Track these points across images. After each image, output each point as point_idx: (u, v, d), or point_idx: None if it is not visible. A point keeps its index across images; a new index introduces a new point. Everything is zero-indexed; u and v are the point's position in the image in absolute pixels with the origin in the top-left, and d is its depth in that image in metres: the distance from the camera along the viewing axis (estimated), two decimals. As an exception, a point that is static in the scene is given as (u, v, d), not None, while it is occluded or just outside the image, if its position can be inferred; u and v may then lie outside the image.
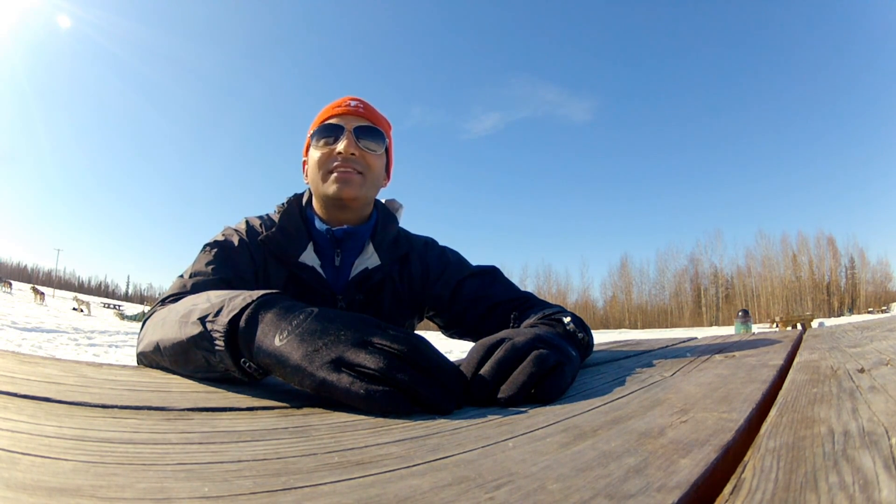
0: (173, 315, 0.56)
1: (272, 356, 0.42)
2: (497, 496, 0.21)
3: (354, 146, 0.90)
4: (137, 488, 0.22)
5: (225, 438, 0.30)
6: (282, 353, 0.42)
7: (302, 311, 0.45)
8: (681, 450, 0.27)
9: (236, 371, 0.46)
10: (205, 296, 0.56)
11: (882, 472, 0.23)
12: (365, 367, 0.39)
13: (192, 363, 0.51)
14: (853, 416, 0.33)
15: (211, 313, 0.49)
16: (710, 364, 0.63)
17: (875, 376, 0.47)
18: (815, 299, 50.45)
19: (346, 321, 0.43)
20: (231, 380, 0.50)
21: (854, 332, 0.97)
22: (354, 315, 0.45)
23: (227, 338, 0.46)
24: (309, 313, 0.45)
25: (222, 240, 0.90)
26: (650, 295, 59.53)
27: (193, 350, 0.50)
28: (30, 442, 0.27)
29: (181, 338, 0.51)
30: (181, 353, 0.52)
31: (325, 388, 0.39)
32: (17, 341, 7.22)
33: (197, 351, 0.49)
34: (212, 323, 0.48)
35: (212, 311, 0.49)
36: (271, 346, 0.43)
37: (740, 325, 7.72)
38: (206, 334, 0.48)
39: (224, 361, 0.46)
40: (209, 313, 0.49)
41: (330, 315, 0.44)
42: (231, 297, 0.50)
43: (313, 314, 0.44)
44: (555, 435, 0.31)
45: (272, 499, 0.21)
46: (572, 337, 0.62)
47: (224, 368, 0.47)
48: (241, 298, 0.48)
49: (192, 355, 0.50)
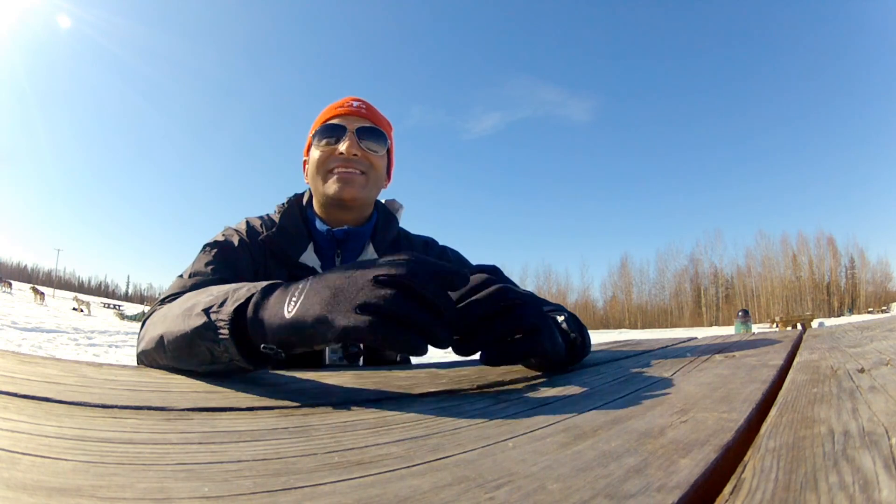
0: (176, 309, 0.56)
1: (287, 326, 0.43)
2: (497, 496, 0.21)
3: (356, 147, 0.90)
4: (137, 488, 0.22)
5: (225, 438, 0.30)
6: (296, 319, 0.43)
7: (302, 280, 0.47)
8: (681, 450, 0.27)
9: (241, 360, 0.47)
10: (206, 290, 0.57)
11: (882, 472, 0.23)
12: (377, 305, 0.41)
13: (196, 356, 0.51)
14: (853, 416, 0.33)
15: (215, 304, 0.50)
16: (710, 364, 0.63)
17: (875, 376, 0.47)
18: (815, 299, 50.45)
19: (344, 271, 0.45)
20: (235, 372, 0.50)
21: (854, 332, 0.97)
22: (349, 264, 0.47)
23: (231, 325, 0.47)
24: (308, 279, 0.46)
25: (222, 240, 0.90)
26: (650, 295, 59.55)
27: (197, 342, 0.50)
28: (30, 442, 0.27)
29: (185, 330, 0.51)
30: (185, 346, 0.52)
31: (347, 335, 0.41)
32: (17, 341, 7.22)
33: (201, 343, 0.49)
34: (216, 313, 0.49)
35: (216, 303, 0.50)
36: (283, 317, 0.44)
37: (740, 325, 7.72)
38: (210, 324, 0.48)
39: (229, 350, 0.47)
40: (213, 304, 0.50)
41: (328, 273, 0.46)
42: (235, 289, 0.51)
43: (312, 278, 0.46)
44: (555, 435, 0.31)
45: (272, 499, 0.21)
46: (564, 334, 0.62)
47: (228, 359, 0.48)
48: (246, 289, 0.49)
49: (195, 348, 0.50)
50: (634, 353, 0.84)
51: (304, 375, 0.54)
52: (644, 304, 58.69)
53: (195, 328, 0.50)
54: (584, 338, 0.67)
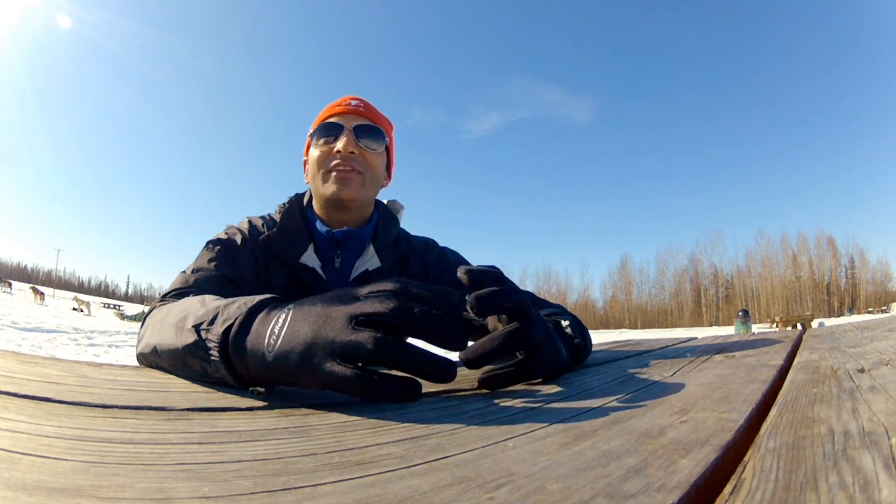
0: (170, 318, 0.56)
1: (269, 368, 0.41)
2: (497, 496, 0.21)
3: (354, 145, 0.90)
4: (137, 488, 0.22)
5: (225, 438, 0.30)
6: (276, 361, 0.40)
7: (281, 311, 0.43)
8: (681, 450, 0.27)
9: (232, 380, 0.45)
10: (200, 300, 0.56)
11: (882, 472, 0.23)
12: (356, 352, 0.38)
13: (189, 369, 0.51)
14: (853, 416, 0.33)
15: (206, 321, 0.48)
16: (710, 364, 0.63)
17: (875, 376, 0.47)
18: (815, 299, 50.44)
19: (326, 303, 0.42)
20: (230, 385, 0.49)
21: (854, 332, 0.97)
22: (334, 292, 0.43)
23: (221, 348, 0.45)
24: (289, 308, 0.43)
25: (225, 238, 0.90)
26: (650, 295, 59.53)
27: (189, 357, 0.49)
28: (30, 442, 0.27)
29: (177, 345, 0.51)
30: (178, 359, 0.52)
31: (332, 386, 0.38)
32: (17, 341, 7.22)
33: (193, 359, 0.49)
34: (206, 332, 0.47)
35: (206, 319, 0.48)
36: (265, 358, 0.41)
37: (740, 325, 7.72)
38: (200, 343, 0.47)
39: (219, 371, 0.46)
40: (204, 321, 0.48)
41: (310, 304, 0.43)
42: (226, 305, 0.48)
43: (294, 307, 0.43)
44: (555, 435, 0.31)
45: (272, 499, 0.21)
46: (568, 341, 0.62)
47: (220, 377, 0.46)
48: (236, 307, 0.47)
49: (188, 362, 0.50)
50: (634, 353, 0.84)
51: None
52: (644, 304, 58.70)
53: (186, 345, 0.49)
54: (586, 341, 0.68)
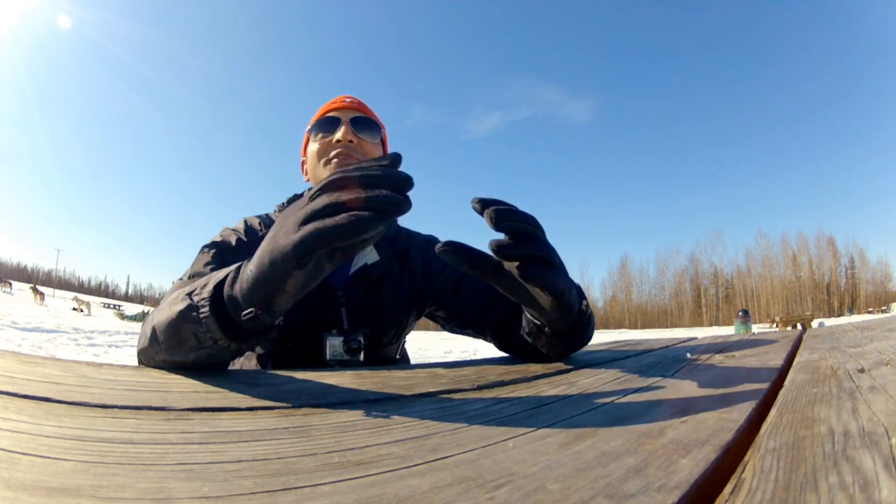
0: (168, 299, 0.58)
1: (252, 278, 0.46)
2: (497, 496, 0.21)
3: (352, 134, 0.93)
4: (137, 488, 0.22)
5: (225, 438, 0.30)
6: (257, 268, 0.46)
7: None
8: (681, 450, 0.27)
9: (223, 338, 0.48)
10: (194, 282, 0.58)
11: (882, 472, 0.23)
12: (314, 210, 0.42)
13: (185, 343, 0.52)
14: (853, 416, 0.33)
15: (198, 288, 0.52)
16: (710, 364, 0.63)
17: (875, 376, 0.47)
18: (815, 299, 50.44)
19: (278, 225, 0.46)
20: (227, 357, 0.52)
21: (854, 332, 0.97)
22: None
23: (211, 302, 0.48)
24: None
25: (220, 241, 0.90)
26: (650, 295, 59.52)
27: (183, 326, 0.51)
28: (30, 442, 0.27)
29: (171, 315, 0.53)
30: (174, 333, 0.53)
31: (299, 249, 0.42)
32: (17, 341, 7.22)
33: (186, 327, 0.51)
34: (198, 295, 0.50)
35: (198, 286, 0.52)
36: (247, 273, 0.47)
37: (740, 325, 7.71)
38: (192, 306, 0.50)
39: (211, 328, 0.48)
40: (195, 289, 0.52)
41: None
42: (218, 272, 0.53)
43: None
44: (555, 435, 0.31)
45: (272, 499, 0.21)
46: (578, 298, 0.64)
47: (212, 339, 0.49)
48: (226, 271, 0.51)
49: (182, 333, 0.51)
50: (634, 353, 0.84)
51: (304, 375, 0.54)
52: (644, 304, 58.70)
53: (179, 311, 0.51)
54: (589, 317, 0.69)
